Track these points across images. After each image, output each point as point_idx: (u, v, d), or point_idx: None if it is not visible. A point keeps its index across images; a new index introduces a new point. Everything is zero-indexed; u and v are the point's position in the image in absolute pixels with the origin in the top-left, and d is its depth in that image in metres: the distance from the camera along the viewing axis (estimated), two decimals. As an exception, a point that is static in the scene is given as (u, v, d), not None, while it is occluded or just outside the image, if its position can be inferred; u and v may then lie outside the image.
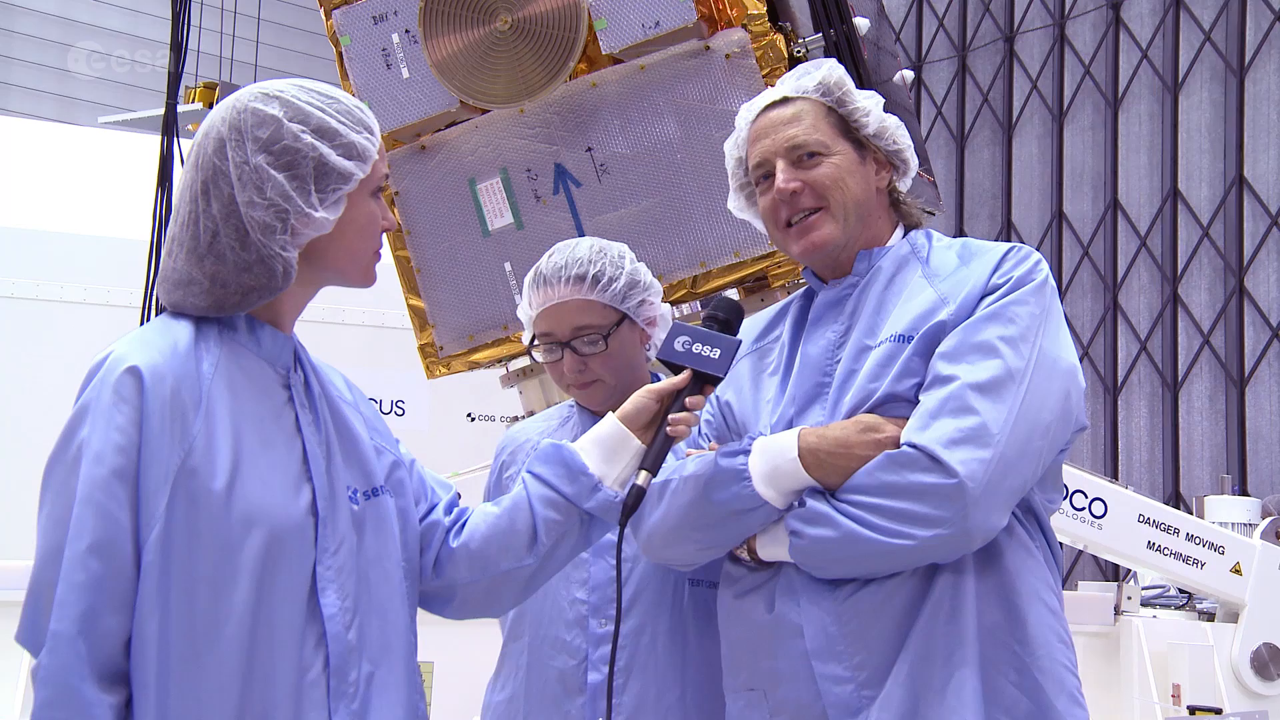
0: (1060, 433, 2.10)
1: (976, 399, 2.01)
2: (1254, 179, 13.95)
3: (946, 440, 1.99)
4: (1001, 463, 1.98)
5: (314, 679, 1.81)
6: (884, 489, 2.01)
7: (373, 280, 1.99)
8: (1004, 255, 2.18)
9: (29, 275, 5.68)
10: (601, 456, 2.11)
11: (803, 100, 2.29)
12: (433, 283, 3.97)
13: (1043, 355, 2.07)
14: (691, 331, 2.13)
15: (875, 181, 2.30)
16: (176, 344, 1.81)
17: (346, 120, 1.91)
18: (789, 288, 3.73)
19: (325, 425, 1.94)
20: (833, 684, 2.07)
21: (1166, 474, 14.40)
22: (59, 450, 1.76)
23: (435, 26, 3.75)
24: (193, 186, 1.87)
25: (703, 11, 3.61)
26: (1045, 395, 2.06)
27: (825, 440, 2.08)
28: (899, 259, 2.27)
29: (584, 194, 3.78)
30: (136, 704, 1.71)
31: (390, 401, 5.94)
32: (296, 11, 14.49)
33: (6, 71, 15.00)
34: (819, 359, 2.22)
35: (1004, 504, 2.03)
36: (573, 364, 2.56)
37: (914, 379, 2.09)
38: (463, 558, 2.11)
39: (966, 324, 2.09)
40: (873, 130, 2.29)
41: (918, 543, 1.98)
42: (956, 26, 16.69)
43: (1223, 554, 4.67)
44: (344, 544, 1.88)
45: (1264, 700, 4.63)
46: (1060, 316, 2.16)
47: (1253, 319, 13.89)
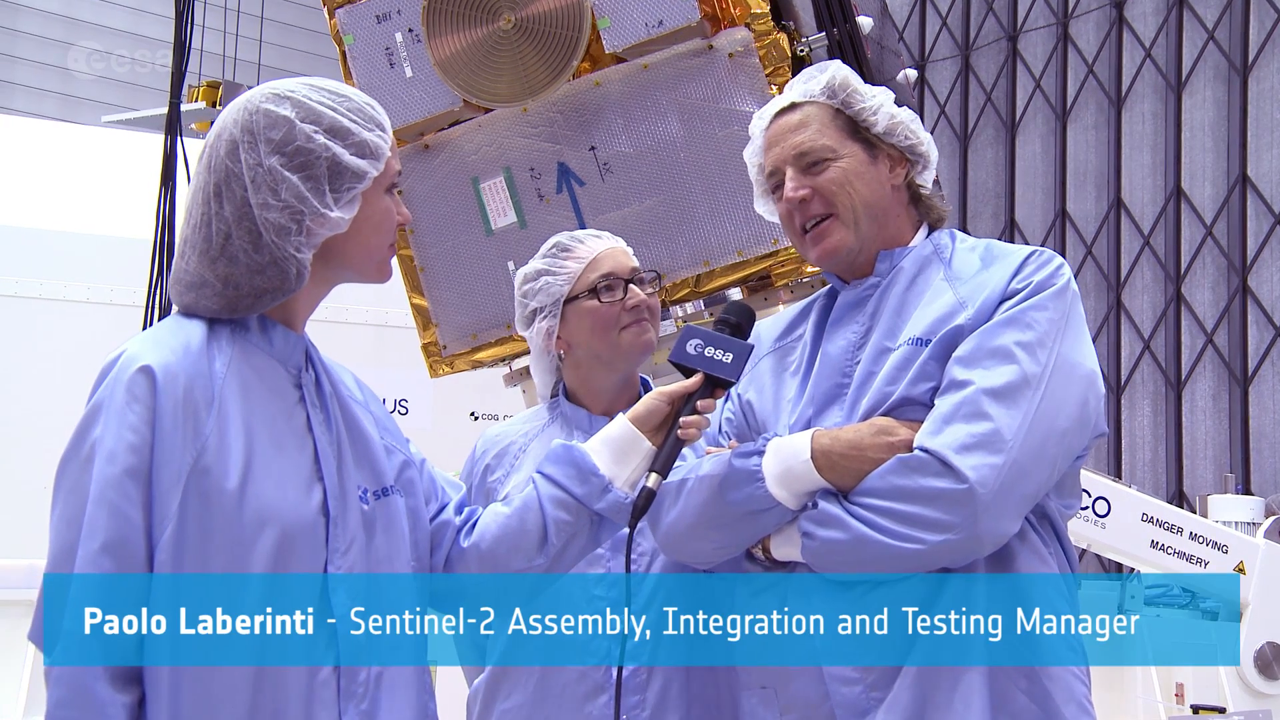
0: (1077, 439, 2.09)
1: (990, 404, 2.00)
2: (1257, 178, 13.95)
3: (958, 445, 1.98)
4: (1014, 468, 1.98)
5: (324, 678, 1.81)
6: (895, 492, 2.00)
7: (388, 276, 2.00)
8: (1025, 259, 2.16)
9: (32, 274, 5.68)
10: (612, 458, 2.11)
11: (810, 104, 2.28)
12: (436, 282, 3.97)
13: (1061, 361, 2.06)
14: (704, 335, 2.12)
15: (890, 179, 2.27)
16: (189, 343, 1.81)
17: (359, 118, 1.91)
18: (792, 287, 3.73)
19: (336, 425, 1.94)
20: (841, 684, 2.07)
21: (1170, 473, 14.41)
22: (72, 449, 1.76)
23: (438, 25, 3.75)
24: (205, 189, 1.86)
25: (706, 10, 3.61)
26: (1062, 401, 2.05)
27: (838, 442, 2.08)
28: (921, 259, 2.25)
29: (587, 193, 3.78)
30: (149, 703, 1.71)
31: (394, 400, 5.94)
32: (300, 10, 14.49)
33: (10, 70, 15.02)
34: (839, 359, 2.21)
35: (1016, 510, 2.02)
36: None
37: (930, 383, 2.08)
38: (473, 558, 2.11)
39: (984, 329, 2.08)
40: (882, 128, 2.26)
41: (927, 547, 1.98)
42: (960, 25, 16.69)
43: (1226, 553, 4.67)
44: (354, 543, 1.88)
45: (1267, 699, 4.63)
46: (1081, 322, 2.14)
47: (1256, 318, 13.89)
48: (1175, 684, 4.63)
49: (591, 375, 2.67)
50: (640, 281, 2.67)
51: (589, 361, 2.66)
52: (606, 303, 2.62)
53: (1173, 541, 4.57)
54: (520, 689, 2.55)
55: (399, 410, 5.94)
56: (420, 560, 2.05)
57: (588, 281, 2.65)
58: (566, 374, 2.71)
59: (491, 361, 4.01)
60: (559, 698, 2.50)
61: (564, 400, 2.71)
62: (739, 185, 3.65)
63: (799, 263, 3.61)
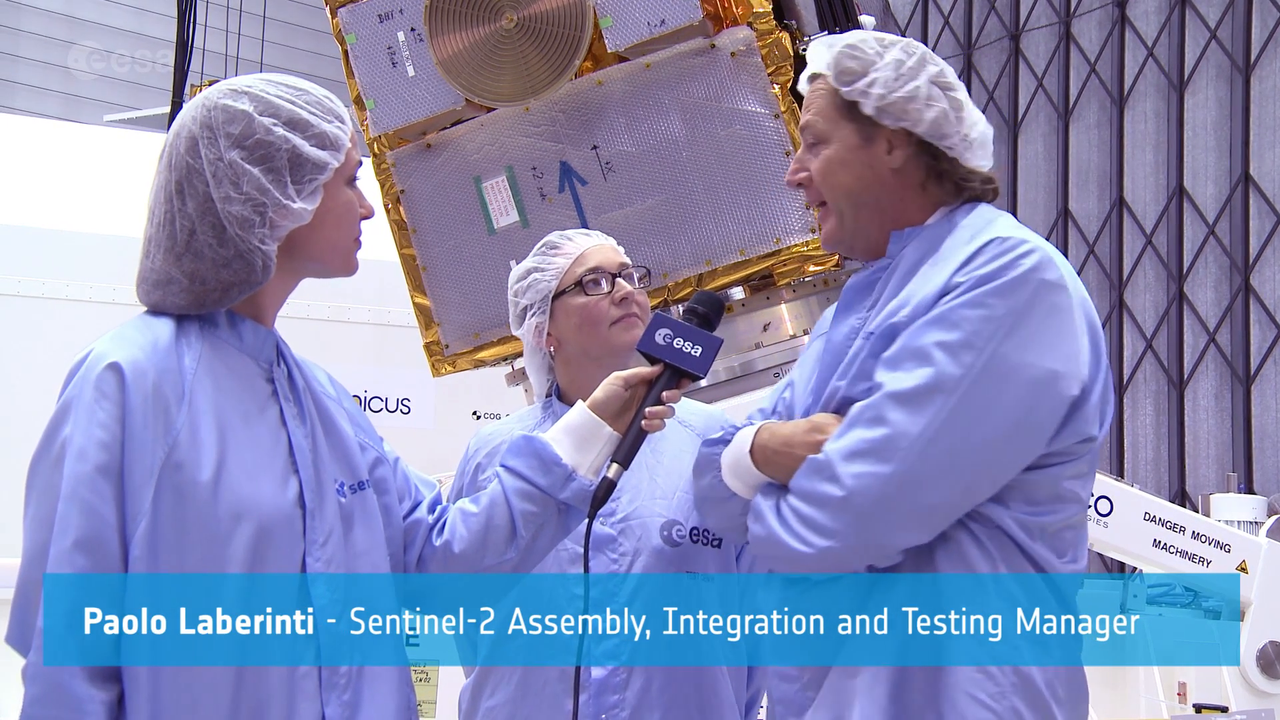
0: (1022, 446, 1.92)
1: (892, 409, 1.90)
2: (1260, 177, 13.94)
3: (847, 451, 1.92)
4: (905, 478, 1.88)
5: (306, 671, 1.81)
6: (799, 493, 1.97)
7: (354, 269, 1.99)
8: (978, 250, 1.97)
9: (33, 274, 5.68)
10: (573, 445, 2.12)
11: (820, 79, 2.15)
12: (438, 281, 3.97)
13: (996, 362, 1.89)
14: (674, 325, 2.11)
15: (888, 162, 2.10)
16: (157, 340, 1.81)
17: (317, 110, 1.90)
18: (795, 285, 3.74)
19: (310, 418, 1.94)
20: (780, 680, 2.07)
21: (1172, 472, 14.40)
22: (42, 449, 1.76)
23: (441, 25, 3.75)
24: (166, 186, 1.87)
25: (708, 9, 3.61)
26: (989, 406, 1.89)
27: (774, 438, 2.05)
28: (933, 239, 2.09)
29: (589, 192, 3.78)
30: (129, 700, 1.71)
31: (396, 399, 5.94)
32: (302, 9, 14.50)
33: (12, 70, 15.03)
34: (839, 347, 2.12)
35: (912, 520, 1.92)
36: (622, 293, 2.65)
37: (867, 382, 1.99)
38: (445, 556, 2.11)
39: (912, 327, 1.95)
40: (871, 109, 2.08)
41: (815, 551, 1.93)
42: (962, 24, 16.69)
43: (1229, 552, 4.67)
44: (332, 536, 1.88)
45: (1270, 698, 4.63)
46: (1047, 317, 1.93)
47: (1259, 317, 13.88)
48: (1178, 683, 4.63)
49: (581, 372, 2.67)
50: (629, 277, 2.66)
51: (578, 358, 2.66)
52: (593, 296, 2.62)
53: (1175, 541, 4.57)
54: (503, 687, 2.56)
55: (401, 410, 5.94)
56: (394, 558, 2.05)
57: (575, 275, 2.65)
58: (558, 372, 2.72)
59: (494, 360, 4.01)
60: (539, 696, 2.50)
61: (556, 399, 2.71)
62: (741, 184, 3.66)
63: (801, 261, 3.62)
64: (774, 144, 3.62)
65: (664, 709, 2.46)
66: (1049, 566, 2.00)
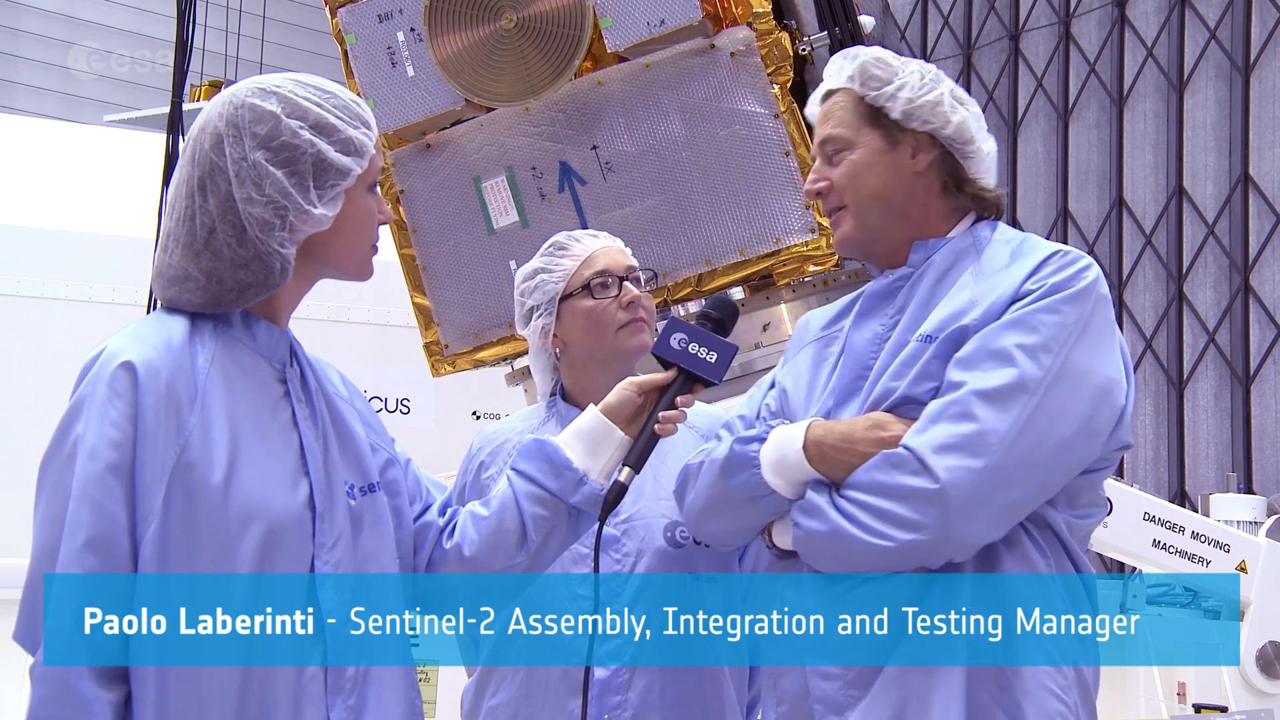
0: (1082, 450, 2.02)
1: (979, 406, 1.96)
2: (1259, 177, 13.94)
3: (938, 445, 1.95)
4: (994, 473, 1.93)
5: (312, 674, 1.81)
6: (875, 488, 1.98)
7: (369, 274, 1.98)
8: (1046, 259, 2.08)
9: (33, 274, 5.68)
10: (585, 450, 2.11)
11: (840, 91, 2.24)
12: (438, 281, 3.97)
13: (1069, 367, 1.99)
14: (689, 330, 2.11)
15: (912, 166, 2.19)
16: (171, 339, 1.80)
17: (344, 115, 1.89)
18: (794, 286, 3.74)
19: (322, 420, 1.93)
20: (821, 679, 2.06)
21: (1172, 472, 14.40)
22: (53, 447, 1.75)
23: (440, 25, 3.75)
24: (189, 182, 1.85)
25: (708, 9, 3.61)
26: (1063, 409, 1.98)
27: (831, 434, 2.06)
28: (957, 252, 2.18)
29: (589, 192, 3.78)
30: (136, 701, 1.70)
31: (395, 400, 5.94)
32: (301, 9, 14.50)
33: (11, 70, 15.03)
34: (862, 351, 2.18)
35: (995, 516, 1.97)
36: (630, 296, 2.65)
37: (932, 382, 2.04)
38: (455, 559, 2.10)
39: (987, 330, 2.02)
40: (899, 114, 2.18)
41: (897, 545, 1.95)
42: (962, 24, 16.68)
43: (1228, 552, 4.67)
44: (341, 538, 1.87)
45: (1269, 698, 4.63)
46: (1104, 328, 2.06)
47: (1258, 317, 13.88)
48: (1177, 683, 4.63)
49: (587, 374, 2.67)
50: (636, 280, 2.66)
51: (584, 360, 2.66)
52: (600, 299, 2.62)
53: (1175, 541, 4.57)
54: (506, 686, 2.56)
55: (401, 410, 5.94)
56: (404, 560, 2.04)
57: (582, 278, 2.65)
58: (563, 373, 2.72)
59: (493, 361, 4.01)
60: (542, 695, 2.50)
61: (560, 400, 2.71)
62: (741, 184, 3.66)
63: (801, 262, 3.62)
64: (774, 144, 3.62)
65: (666, 710, 2.46)
66: (1083, 567, 2.09)
